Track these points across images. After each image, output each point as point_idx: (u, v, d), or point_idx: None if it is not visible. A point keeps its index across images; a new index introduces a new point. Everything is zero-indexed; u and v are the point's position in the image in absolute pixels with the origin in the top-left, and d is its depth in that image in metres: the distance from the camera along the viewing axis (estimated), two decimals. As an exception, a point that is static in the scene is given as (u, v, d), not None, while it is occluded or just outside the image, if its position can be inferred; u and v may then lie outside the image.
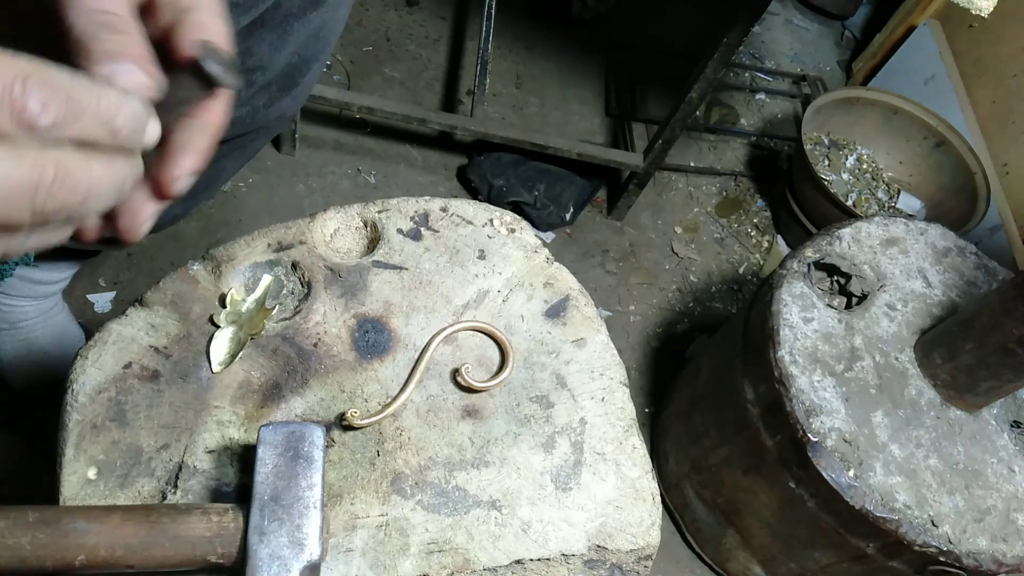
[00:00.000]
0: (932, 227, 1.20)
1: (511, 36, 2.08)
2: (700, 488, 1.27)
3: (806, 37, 2.52)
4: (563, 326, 0.69)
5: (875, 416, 0.98)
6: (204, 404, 0.57)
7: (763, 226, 1.96)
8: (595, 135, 1.98)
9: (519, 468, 0.60)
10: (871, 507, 0.91)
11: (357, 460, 0.58)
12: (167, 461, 0.55)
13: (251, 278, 0.65)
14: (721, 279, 1.83)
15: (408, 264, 0.68)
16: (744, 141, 2.13)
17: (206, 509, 0.48)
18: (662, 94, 2.09)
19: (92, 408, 0.55)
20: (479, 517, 0.57)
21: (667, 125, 1.53)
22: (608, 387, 0.66)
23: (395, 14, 2.04)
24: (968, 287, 1.13)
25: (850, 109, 1.91)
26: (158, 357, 0.58)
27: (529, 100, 1.99)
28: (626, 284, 1.75)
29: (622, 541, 0.59)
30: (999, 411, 1.03)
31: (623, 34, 2.21)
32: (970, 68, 1.92)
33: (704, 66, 1.39)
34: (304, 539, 0.47)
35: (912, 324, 1.08)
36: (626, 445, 0.64)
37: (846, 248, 1.13)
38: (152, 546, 0.45)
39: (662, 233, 1.87)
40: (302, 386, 0.60)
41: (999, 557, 0.91)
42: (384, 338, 0.64)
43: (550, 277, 0.71)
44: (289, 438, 0.50)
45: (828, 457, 0.94)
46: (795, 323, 1.04)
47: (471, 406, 0.63)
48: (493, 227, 0.73)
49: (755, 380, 1.06)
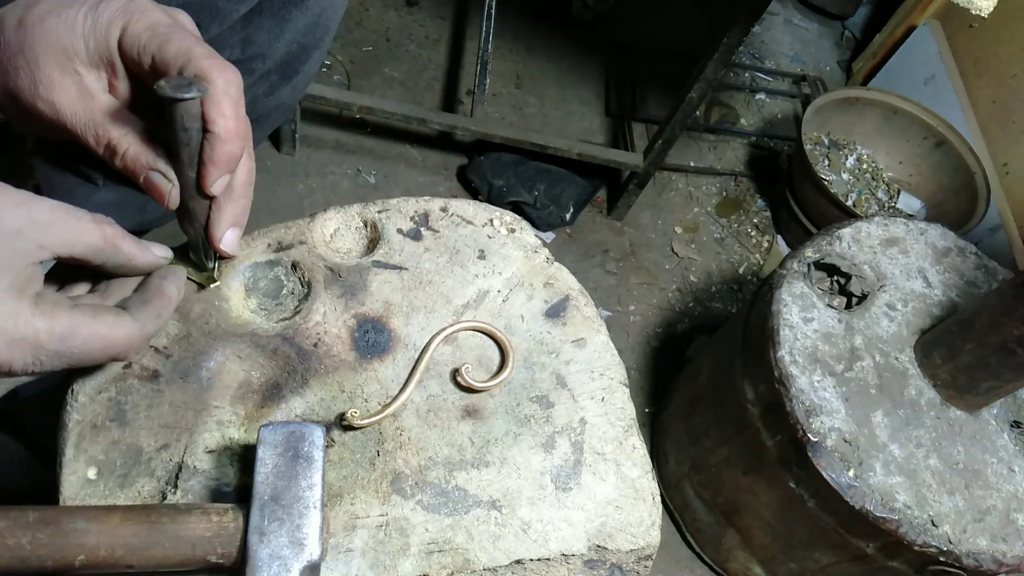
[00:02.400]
0: (932, 227, 1.20)
1: (511, 36, 2.08)
2: (700, 488, 1.27)
3: (806, 37, 2.52)
4: (563, 326, 0.69)
5: (875, 416, 0.98)
6: (204, 404, 0.57)
7: (763, 226, 1.96)
8: (595, 135, 1.98)
9: (519, 468, 0.60)
10: (871, 507, 0.91)
11: (357, 460, 0.58)
12: (167, 461, 0.55)
13: (251, 278, 0.65)
14: (721, 279, 1.83)
15: (408, 264, 0.68)
16: (744, 141, 2.13)
17: (206, 509, 0.48)
18: (662, 94, 2.09)
19: (92, 408, 0.55)
20: (479, 517, 0.57)
21: (667, 125, 1.53)
22: (608, 387, 0.66)
23: (395, 14, 2.04)
24: (968, 287, 1.13)
25: (850, 109, 1.91)
26: (158, 357, 0.58)
27: (529, 100, 1.99)
28: (626, 284, 1.75)
29: (622, 541, 0.59)
30: (999, 411, 1.03)
31: (623, 34, 2.21)
32: (970, 68, 1.92)
33: (704, 66, 1.39)
34: (304, 539, 0.47)
35: (912, 324, 1.08)
36: (626, 445, 0.64)
37: (846, 248, 1.13)
38: (152, 546, 0.45)
39: (662, 233, 1.87)
40: (302, 386, 0.60)
41: (999, 557, 0.91)
42: (384, 338, 0.64)
43: (550, 277, 0.72)
44: (289, 438, 0.50)
45: (828, 457, 0.94)
46: (795, 323, 1.04)
47: (471, 406, 0.63)
48: (493, 227, 0.73)
49: (755, 380, 1.06)
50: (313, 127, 1.73)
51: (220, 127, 0.49)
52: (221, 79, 0.48)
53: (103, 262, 0.47)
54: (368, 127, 1.79)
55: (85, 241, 0.44)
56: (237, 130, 0.49)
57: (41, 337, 0.42)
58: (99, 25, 0.47)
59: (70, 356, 0.44)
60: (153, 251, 0.50)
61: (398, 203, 0.72)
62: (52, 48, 0.47)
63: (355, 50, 1.93)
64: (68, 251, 0.44)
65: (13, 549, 0.42)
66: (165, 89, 0.44)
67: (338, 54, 1.89)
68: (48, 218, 0.43)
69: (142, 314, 0.48)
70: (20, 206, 0.42)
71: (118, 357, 0.47)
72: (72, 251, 0.44)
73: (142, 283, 0.52)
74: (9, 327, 0.40)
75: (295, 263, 0.66)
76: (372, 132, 1.79)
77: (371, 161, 1.75)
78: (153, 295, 0.50)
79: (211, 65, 0.47)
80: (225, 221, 0.54)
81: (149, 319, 0.48)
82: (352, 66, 1.89)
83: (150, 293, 0.50)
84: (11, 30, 0.47)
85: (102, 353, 0.45)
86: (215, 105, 0.48)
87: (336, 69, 1.88)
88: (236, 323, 0.61)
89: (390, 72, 1.92)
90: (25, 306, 0.41)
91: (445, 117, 1.56)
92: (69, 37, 0.47)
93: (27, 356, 0.42)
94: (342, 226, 0.71)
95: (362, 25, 1.99)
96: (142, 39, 0.47)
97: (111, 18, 0.47)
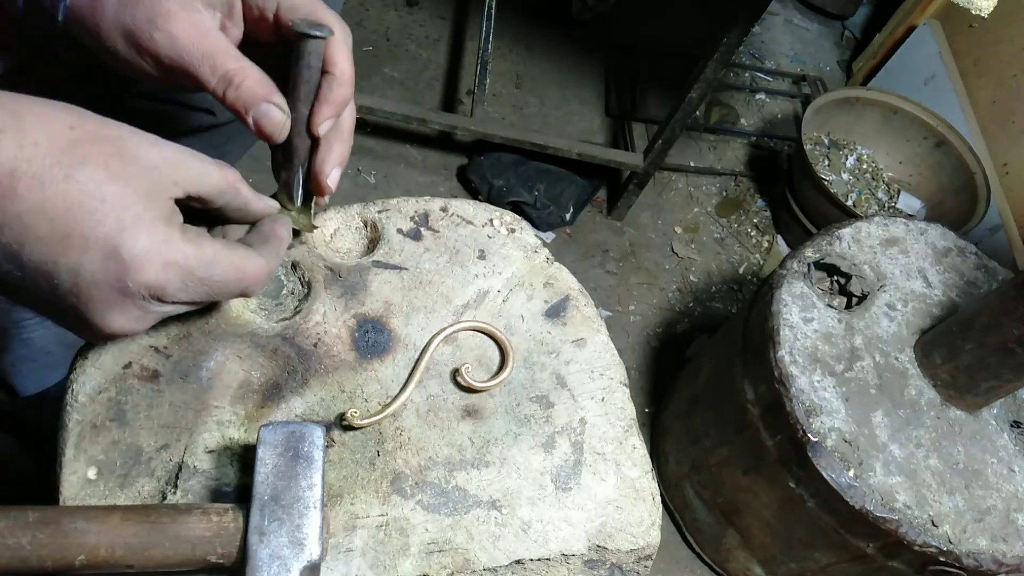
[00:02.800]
0: (932, 227, 1.20)
1: (511, 36, 2.08)
2: (700, 488, 1.27)
3: (806, 37, 2.52)
4: (563, 326, 0.69)
5: (875, 416, 0.98)
6: (204, 404, 0.57)
7: (763, 226, 1.96)
8: (595, 135, 1.98)
9: (519, 468, 0.60)
10: (871, 507, 0.91)
11: (357, 460, 0.58)
12: (167, 461, 0.55)
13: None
14: (721, 279, 1.83)
15: (408, 264, 0.68)
16: (744, 141, 2.12)
17: (206, 509, 0.48)
18: (662, 94, 2.09)
19: (92, 408, 0.55)
20: (479, 517, 0.57)
21: (667, 125, 1.53)
22: (608, 387, 0.66)
23: (395, 14, 2.04)
24: (968, 287, 1.13)
25: (850, 109, 1.91)
26: (158, 357, 0.58)
27: (529, 100, 1.99)
28: (626, 284, 1.75)
29: (622, 541, 0.59)
30: (999, 411, 1.03)
31: (623, 34, 2.21)
32: (970, 68, 1.92)
33: (704, 66, 1.39)
34: (304, 539, 0.47)
35: (912, 324, 1.08)
36: (626, 445, 0.64)
37: (846, 248, 1.13)
38: (152, 546, 0.45)
39: (662, 233, 1.87)
40: (302, 386, 0.60)
41: (999, 557, 0.91)
42: (384, 338, 0.64)
43: (550, 277, 0.71)
44: (289, 438, 0.50)
45: (828, 457, 0.94)
46: (795, 323, 1.04)
47: (471, 406, 0.63)
48: (493, 227, 0.73)
49: (755, 380, 1.06)
50: (313, 127, 1.73)
51: (340, 70, 0.53)
52: (341, 31, 0.54)
53: (224, 204, 0.49)
54: (368, 127, 1.79)
55: (211, 182, 0.46)
56: (351, 76, 0.54)
57: (191, 262, 0.43)
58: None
59: (212, 285, 0.45)
60: (265, 200, 0.53)
61: (398, 203, 0.72)
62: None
63: (355, 50, 1.92)
64: (197, 189, 0.45)
65: (13, 549, 0.42)
66: (301, 26, 0.49)
67: (338, 54, 1.89)
68: (178, 158, 0.44)
69: (266, 250, 0.50)
70: (153, 146, 0.44)
71: (247, 292, 0.48)
72: (200, 190, 0.46)
73: (253, 228, 0.54)
74: (164, 250, 0.42)
75: (295, 263, 0.66)
76: (372, 132, 1.79)
77: (371, 161, 1.75)
78: (269, 235, 0.53)
79: (334, 18, 0.53)
80: (333, 159, 0.56)
81: (271, 255, 0.51)
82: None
83: (266, 233, 0.53)
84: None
85: (236, 284, 0.47)
86: (337, 50, 0.53)
87: (336, 69, 1.87)
88: (236, 323, 0.61)
89: (390, 72, 1.92)
90: (176, 232, 0.43)
91: (445, 117, 1.56)
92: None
93: (178, 280, 0.43)
94: (342, 226, 0.71)
95: (362, 25, 1.99)
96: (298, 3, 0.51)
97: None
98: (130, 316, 0.44)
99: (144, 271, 0.42)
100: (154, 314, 0.45)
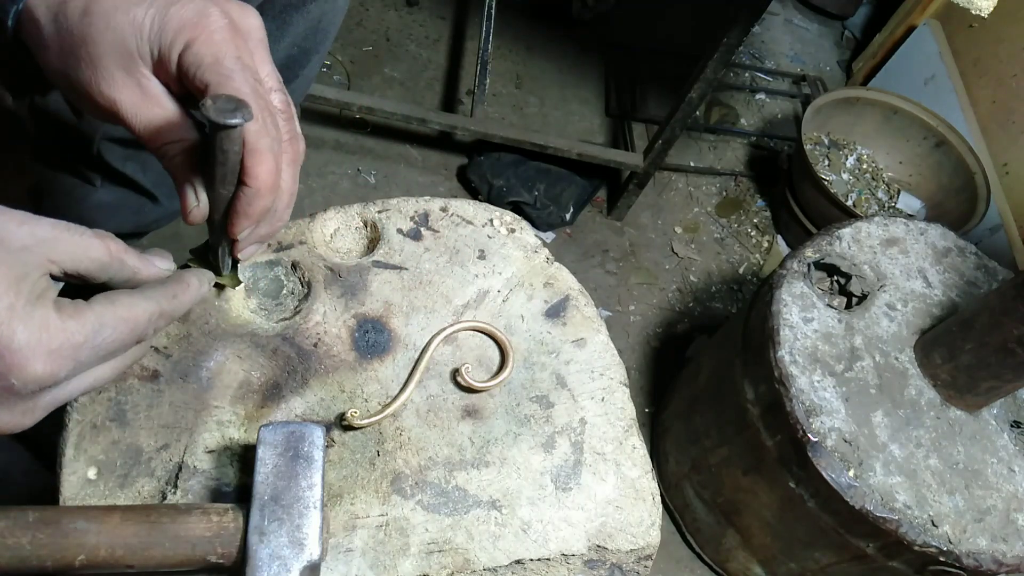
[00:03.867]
0: (932, 227, 1.20)
1: (511, 36, 2.08)
2: (700, 488, 1.27)
3: (806, 37, 2.52)
4: (563, 326, 0.69)
5: (875, 416, 0.98)
6: (204, 404, 0.57)
7: (763, 226, 1.96)
8: (595, 135, 1.98)
9: (519, 468, 0.60)
10: (871, 507, 0.91)
11: (357, 460, 0.58)
12: (167, 461, 0.55)
13: (251, 278, 0.65)
14: (721, 279, 1.83)
15: (408, 264, 0.68)
16: (744, 141, 2.12)
17: (206, 509, 0.48)
18: (662, 94, 2.09)
19: (92, 408, 0.55)
20: (479, 517, 0.57)
21: (667, 125, 1.53)
22: (608, 387, 0.66)
23: (395, 14, 2.04)
24: (968, 287, 1.13)
25: (850, 109, 1.91)
26: (158, 357, 0.58)
27: (529, 100, 1.99)
28: (626, 284, 1.75)
29: (622, 541, 0.59)
30: (999, 411, 1.03)
31: (623, 34, 2.21)
32: (970, 68, 1.92)
33: (704, 66, 1.39)
34: (304, 539, 0.47)
35: (912, 324, 1.08)
36: (626, 445, 0.64)
37: (846, 248, 1.13)
38: (152, 546, 0.45)
39: (662, 233, 1.87)
40: (302, 386, 0.60)
41: (999, 557, 0.91)
42: (384, 338, 0.64)
43: (550, 277, 0.72)
44: (289, 438, 0.50)
45: (828, 457, 0.94)
46: (795, 323, 1.04)
47: (471, 406, 0.63)
48: (493, 227, 0.73)
49: (755, 380, 1.06)
50: (313, 127, 1.73)
51: (258, 181, 0.48)
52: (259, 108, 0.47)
53: (109, 277, 0.46)
54: (368, 127, 1.79)
55: (91, 256, 0.44)
56: (272, 184, 0.49)
57: (76, 339, 0.41)
58: (165, 35, 0.46)
59: (104, 348, 0.43)
60: (156, 264, 0.49)
61: (398, 203, 0.72)
62: (117, 48, 0.46)
63: (355, 50, 1.93)
64: (75, 266, 0.43)
65: (13, 549, 0.42)
66: (209, 110, 0.43)
67: (338, 54, 1.89)
68: (52, 235, 0.42)
69: (155, 292, 0.47)
70: (23, 224, 0.41)
71: (143, 337, 0.46)
72: (79, 266, 0.43)
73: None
74: (45, 338, 0.40)
75: (295, 263, 0.66)
76: (372, 132, 1.79)
77: (371, 161, 1.75)
78: (170, 279, 0.50)
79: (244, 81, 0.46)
80: (254, 239, 0.54)
81: (164, 297, 0.48)
82: (352, 66, 1.89)
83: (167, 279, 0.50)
84: (76, 18, 0.46)
85: (131, 336, 0.45)
86: (254, 153, 0.47)
87: (336, 69, 1.88)
88: (236, 323, 0.61)
89: (390, 72, 1.92)
90: (51, 312, 0.41)
91: (445, 117, 1.56)
92: (135, 40, 0.46)
93: (68, 362, 0.41)
94: (342, 226, 0.71)
95: (362, 25, 1.99)
96: (204, 62, 0.46)
97: (177, 29, 0.46)
98: (16, 412, 0.42)
99: (29, 366, 0.39)
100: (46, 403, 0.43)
